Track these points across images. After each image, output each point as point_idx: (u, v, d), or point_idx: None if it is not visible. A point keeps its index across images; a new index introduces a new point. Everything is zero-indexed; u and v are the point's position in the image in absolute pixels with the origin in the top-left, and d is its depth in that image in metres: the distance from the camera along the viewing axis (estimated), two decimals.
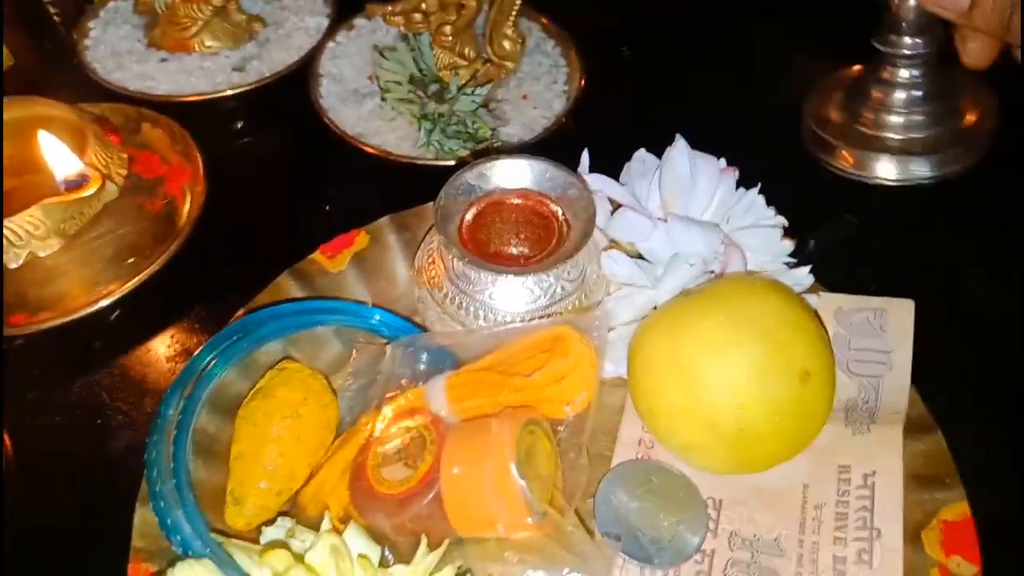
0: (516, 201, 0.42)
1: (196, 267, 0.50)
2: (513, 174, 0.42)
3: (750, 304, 0.37)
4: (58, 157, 0.47)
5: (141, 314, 0.48)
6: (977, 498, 0.38)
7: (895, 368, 0.43)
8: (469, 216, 0.42)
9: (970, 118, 0.54)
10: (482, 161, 0.42)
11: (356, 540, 0.34)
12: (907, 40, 0.52)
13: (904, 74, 0.53)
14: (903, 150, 0.53)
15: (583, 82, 0.59)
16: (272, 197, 0.55)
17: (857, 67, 0.57)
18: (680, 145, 0.43)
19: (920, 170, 0.53)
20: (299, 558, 0.32)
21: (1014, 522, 0.39)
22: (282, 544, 0.33)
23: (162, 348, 0.48)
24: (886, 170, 0.53)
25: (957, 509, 0.38)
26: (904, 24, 0.51)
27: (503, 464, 0.33)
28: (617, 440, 0.42)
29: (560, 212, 0.42)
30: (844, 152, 0.54)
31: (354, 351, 0.44)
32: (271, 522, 0.37)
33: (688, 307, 0.38)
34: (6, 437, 0.43)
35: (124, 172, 0.50)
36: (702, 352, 0.36)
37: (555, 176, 0.42)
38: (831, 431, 0.41)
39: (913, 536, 0.38)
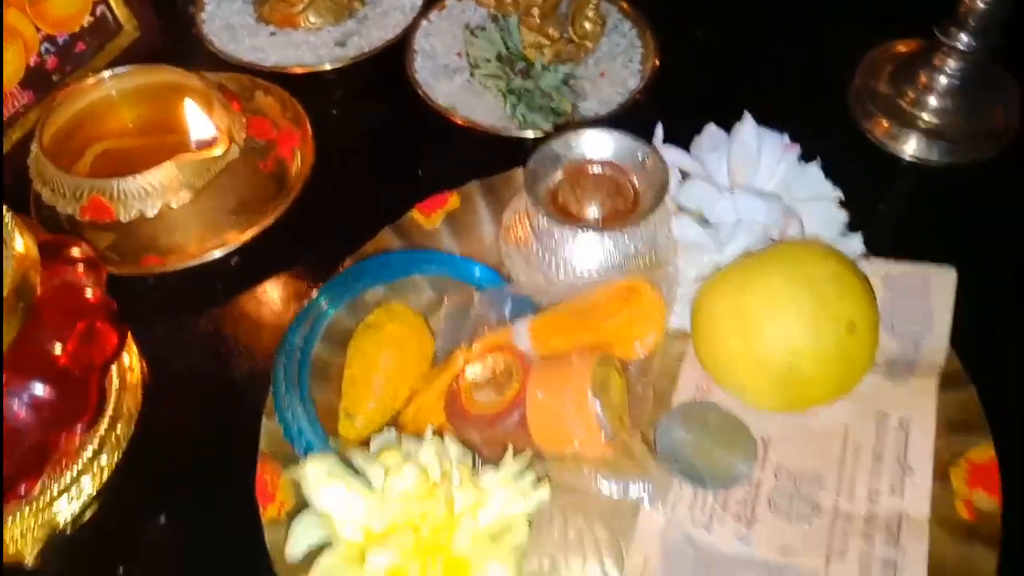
0: (597, 169, 0.47)
1: (306, 222, 0.56)
2: (595, 144, 0.47)
3: (805, 263, 0.42)
4: (194, 119, 0.53)
5: (257, 261, 0.55)
6: (1003, 444, 0.43)
7: (935, 329, 0.47)
8: (555, 180, 0.47)
9: (996, 116, 0.59)
10: (569, 132, 0.47)
11: (452, 448, 0.40)
12: (966, 37, 0.56)
13: (953, 64, 0.57)
14: (931, 132, 0.58)
15: (657, 62, 0.64)
16: (372, 161, 0.61)
17: (908, 45, 0.62)
18: (748, 122, 0.48)
19: (941, 153, 0.58)
20: (408, 456, 0.38)
21: None
22: (394, 445, 0.39)
23: (276, 291, 0.54)
24: (911, 146, 0.58)
25: (983, 452, 0.43)
26: (969, 23, 0.55)
27: (581, 389, 0.39)
28: (678, 384, 0.48)
29: (635, 180, 0.47)
30: (882, 121, 0.58)
31: (446, 298, 0.50)
32: (378, 434, 0.43)
33: (750, 265, 0.43)
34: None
35: (244, 135, 0.56)
36: (761, 303, 0.41)
37: (633, 147, 0.47)
38: (873, 381, 0.46)
39: (941, 473, 0.42)
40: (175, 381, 0.50)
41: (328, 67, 0.65)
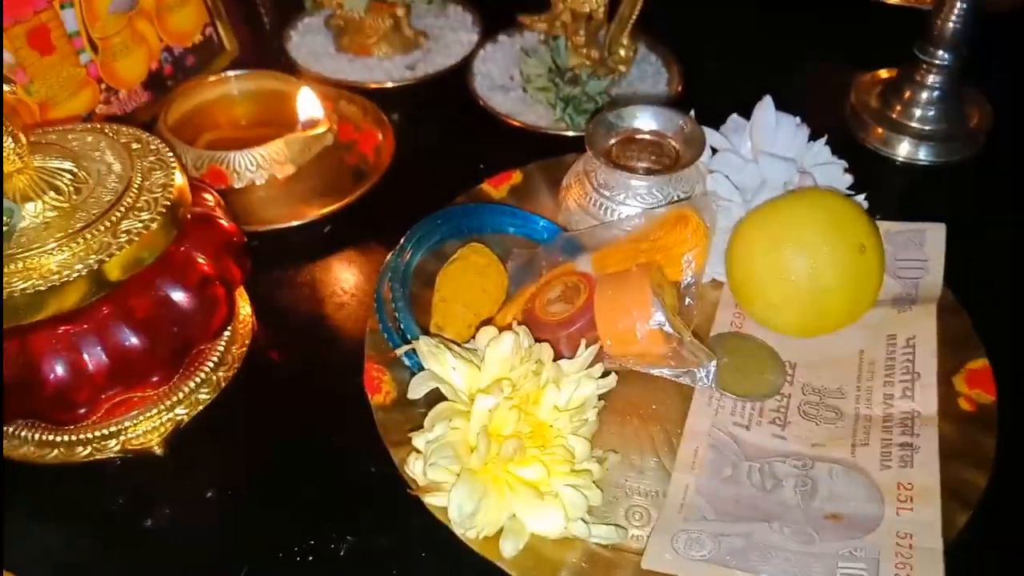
0: (644, 136, 0.57)
1: (387, 200, 0.65)
2: (642, 116, 0.57)
3: (821, 197, 0.51)
4: (307, 103, 0.63)
5: (348, 228, 0.63)
6: (994, 358, 0.51)
7: (931, 272, 0.56)
8: (609, 143, 0.56)
9: (972, 120, 0.70)
10: (621, 107, 0.57)
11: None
12: (941, 53, 0.67)
13: (931, 79, 0.68)
14: (919, 136, 0.69)
15: (680, 87, 0.75)
16: (441, 156, 0.70)
17: (892, 70, 0.74)
18: (768, 102, 0.58)
19: (928, 153, 0.69)
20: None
21: (1020, 376, 0.51)
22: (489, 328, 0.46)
23: (365, 250, 0.62)
24: (904, 149, 0.69)
25: (979, 363, 0.51)
26: (942, 40, 0.66)
27: (643, 287, 0.47)
28: (714, 322, 0.56)
29: (676, 143, 0.56)
30: (876, 130, 0.69)
31: (512, 252, 0.58)
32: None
33: (774, 202, 0.52)
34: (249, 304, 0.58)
35: (337, 129, 0.66)
36: (786, 227, 0.50)
37: (674, 117, 0.57)
38: (881, 313, 0.54)
39: (945, 380, 0.50)
40: (280, 318, 0.58)
41: (399, 85, 0.75)
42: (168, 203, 0.47)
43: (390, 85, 0.75)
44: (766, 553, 0.43)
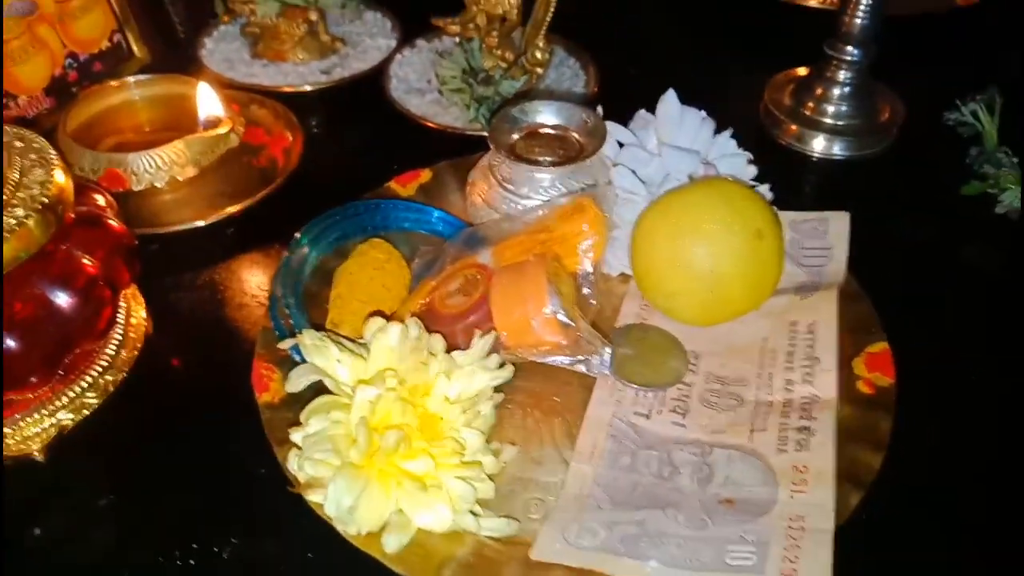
0: (547, 130, 0.57)
1: (294, 202, 0.64)
2: (546, 111, 0.57)
3: (719, 186, 0.51)
4: (206, 101, 0.62)
5: (250, 231, 0.62)
6: (894, 342, 0.51)
7: (834, 259, 0.56)
8: (513, 137, 0.56)
9: (883, 115, 0.71)
10: (525, 102, 0.57)
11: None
12: (850, 49, 0.68)
13: (842, 75, 0.69)
14: (833, 131, 0.70)
15: (596, 88, 0.75)
16: (354, 157, 0.69)
17: (804, 69, 0.75)
18: (671, 96, 0.58)
19: (842, 148, 0.70)
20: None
21: (919, 358, 0.50)
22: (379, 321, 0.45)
23: (267, 253, 0.61)
24: (819, 144, 0.70)
25: (879, 347, 0.50)
26: (851, 37, 0.67)
27: (538, 275, 0.46)
28: (620, 314, 0.55)
29: (580, 137, 0.56)
30: (791, 127, 0.70)
31: (419, 250, 0.57)
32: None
33: (674, 192, 0.52)
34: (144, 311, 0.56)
35: (242, 130, 0.65)
36: (684, 215, 0.49)
37: (577, 112, 0.56)
38: (784, 300, 0.54)
39: (845, 363, 0.50)
40: (177, 322, 0.56)
41: (315, 89, 0.75)
42: (46, 200, 0.46)
43: (307, 88, 0.75)
44: (657, 540, 0.42)
